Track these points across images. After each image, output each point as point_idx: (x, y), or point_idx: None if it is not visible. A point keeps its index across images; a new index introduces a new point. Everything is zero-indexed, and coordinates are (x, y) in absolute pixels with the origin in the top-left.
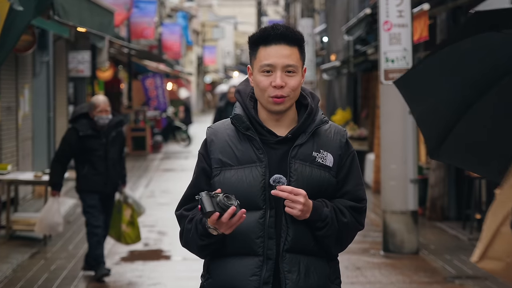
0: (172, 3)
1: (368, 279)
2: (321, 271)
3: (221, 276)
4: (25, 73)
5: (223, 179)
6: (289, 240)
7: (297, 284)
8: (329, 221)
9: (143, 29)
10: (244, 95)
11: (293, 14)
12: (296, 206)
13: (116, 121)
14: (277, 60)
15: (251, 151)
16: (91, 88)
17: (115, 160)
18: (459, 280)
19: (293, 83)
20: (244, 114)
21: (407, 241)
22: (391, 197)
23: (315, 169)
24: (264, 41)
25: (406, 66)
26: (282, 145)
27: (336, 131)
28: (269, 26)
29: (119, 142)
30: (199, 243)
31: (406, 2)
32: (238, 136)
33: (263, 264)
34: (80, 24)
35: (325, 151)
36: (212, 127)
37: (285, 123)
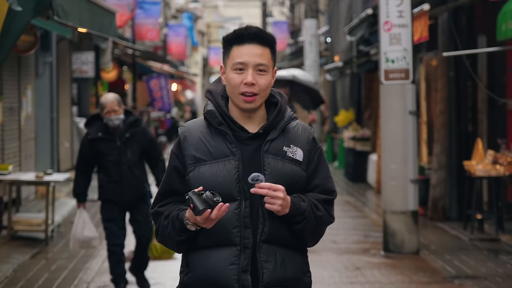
0: (177, 4)
1: (367, 279)
2: (295, 263)
3: (200, 269)
4: (28, 74)
5: (198, 174)
6: (266, 231)
7: (274, 273)
8: (307, 215)
9: (147, 30)
10: (216, 94)
11: (298, 15)
12: (276, 201)
13: (131, 120)
14: (250, 58)
15: (224, 146)
16: (94, 88)
17: (133, 164)
18: (459, 280)
19: (263, 82)
20: (216, 111)
21: (408, 241)
22: (391, 197)
23: (286, 163)
24: (238, 40)
25: (406, 66)
26: (254, 141)
27: (304, 129)
28: (243, 27)
29: (137, 144)
30: (177, 238)
31: (406, 3)
32: (210, 132)
33: (241, 253)
34: (80, 25)
35: (295, 146)
36: (184, 125)
37: (256, 120)
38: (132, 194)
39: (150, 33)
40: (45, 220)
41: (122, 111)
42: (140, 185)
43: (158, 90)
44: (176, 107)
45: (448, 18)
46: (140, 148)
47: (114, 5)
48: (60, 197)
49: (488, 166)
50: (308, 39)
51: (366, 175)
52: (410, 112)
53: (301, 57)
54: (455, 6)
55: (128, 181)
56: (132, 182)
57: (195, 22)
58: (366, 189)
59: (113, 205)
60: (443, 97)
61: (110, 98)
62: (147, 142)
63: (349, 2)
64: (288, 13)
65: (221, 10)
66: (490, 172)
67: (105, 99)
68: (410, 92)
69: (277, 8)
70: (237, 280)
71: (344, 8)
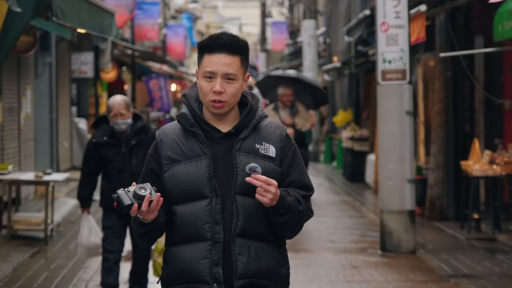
0: (177, 5)
1: (364, 278)
2: (270, 255)
3: (176, 263)
4: (27, 74)
5: (172, 173)
6: (239, 225)
7: (248, 265)
8: (292, 209)
9: (146, 30)
10: (190, 97)
11: (297, 16)
12: (267, 195)
13: (138, 126)
14: (218, 68)
15: (196, 146)
16: (94, 89)
17: (137, 174)
18: (455, 279)
19: (231, 90)
20: (189, 113)
21: (404, 240)
22: (388, 197)
23: (259, 159)
24: (209, 49)
25: (403, 67)
26: (226, 140)
27: (276, 126)
28: (216, 34)
29: (144, 152)
30: (139, 231)
31: (403, 4)
32: (184, 134)
33: (212, 248)
34: (80, 26)
35: (267, 143)
36: (161, 129)
37: (228, 121)
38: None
39: (149, 33)
40: (45, 219)
41: (130, 115)
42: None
43: (157, 91)
44: (175, 107)
45: (445, 19)
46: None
47: (113, 6)
48: (59, 196)
49: (485, 166)
50: (307, 39)
51: (364, 175)
52: (407, 113)
53: (299, 58)
54: (452, 7)
55: None
56: None
57: (195, 22)
58: (364, 189)
59: (113, 214)
60: (441, 97)
61: (118, 101)
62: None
63: (348, 3)
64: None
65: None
66: (487, 172)
67: (112, 101)
68: (407, 93)
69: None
70: (209, 273)
71: (342, 9)
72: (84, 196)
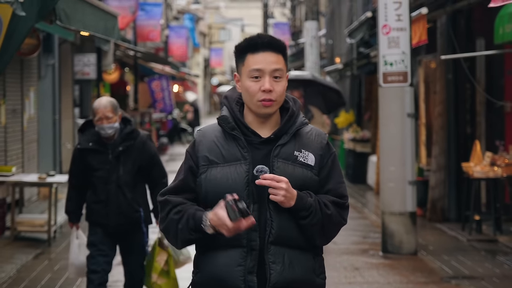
0: (179, 5)
1: (365, 279)
2: (305, 264)
3: (209, 269)
4: (31, 76)
5: (210, 176)
6: (273, 233)
7: (282, 274)
8: (313, 210)
9: (149, 31)
10: (231, 100)
11: (299, 17)
12: (279, 192)
13: (127, 131)
14: (266, 65)
15: (236, 150)
16: (96, 90)
17: (124, 184)
18: (456, 280)
19: (280, 88)
20: (230, 116)
21: (406, 242)
22: (389, 199)
23: (297, 167)
24: (252, 48)
25: (404, 69)
26: (266, 145)
27: (317, 134)
28: (255, 35)
29: (133, 160)
30: (188, 237)
31: (405, 6)
32: (224, 136)
33: (247, 255)
34: (84, 29)
35: (307, 151)
36: (201, 130)
37: (269, 126)
38: (119, 219)
39: (151, 34)
40: (48, 221)
41: (117, 119)
42: (130, 210)
43: (160, 92)
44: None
45: (447, 21)
46: (136, 165)
47: (116, 7)
48: (62, 198)
49: (486, 168)
50: (309, 41)
51: (366, 177)
52: (408, 115)
53: (301, 59)
54: (453, 10)
55: (116, 203)
56: (120, 205)
57: (197, 23)
58: (366, 191)
59: (98, 229)
60: (442, 99)
61: (103, 103)
62: (147, 158)
63: (350, 4)
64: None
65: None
66: (488, 174)
67: (97, 104)
68: (408, 95)
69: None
70: (243, 280)
71: (344, 10)
72: (72, 211)
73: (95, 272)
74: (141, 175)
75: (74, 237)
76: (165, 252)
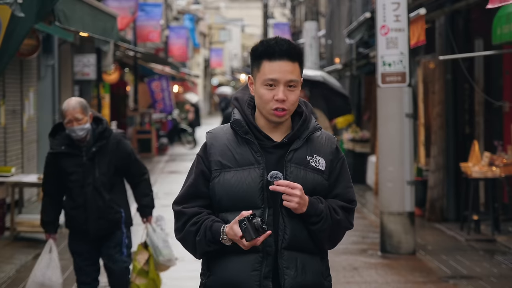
0: (179, 6)
1: (364, 279)
2: (315, 268)
3: (223, 273)
4: (30, 77)
5: (223, 180)
6: (287, 238)
7: (295, 279)
8: (324, 216)
9: (149, 32)
10: (242, 102)
11: (299, 17)
12: (293, 199)
13: (99, 131)
14: (281, 75)
15: (249, 154)
16: (96, 91)
17: (102, 185)
18: (454, 280)
19: (293, 98)
20: (242, 119)
21: (404, 241)
22: (388, 199)
23: (309, 172)
24: (268, 55)
25: (403, 70)
26: (278, 150)
27: (327, 138)
28: (273, 40)
29: (109, 159)
30: (206, 248)
31: (403, 7)
32: (237, 140)
33: (263, 260)
34: (83, 30)
35: (318, 155)
36: (211, 132)
37: (281, 130)
38: (99, 222)
39: (151, 34)
40: None
41: (88, 119)
42: (110, 211)
43: (160, 92)
44: (177, 108)
45: (445, 22)
46: (112, 165)
47: (115, 8)
48: None
49: (485, 168)
50: (308, 41)
51: (365, 177)
52: (406, 115)
53: None
54: (452, 10)
55: (94, 206)
56: (99, 207)
57: (197, 23)
58: (365, 191)
59: (80, 235)
60: (441, 99)
61: (72, 104)
62: (123, 157)
63: (349, 5)
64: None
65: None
66: (487, 174)
67: (66, 105)
68: (407, 95)
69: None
70: (259, 285)
71: (344, 11)
72: (48, 221)
73: (86, 283)
74: (119, 175)
75: (47, 250)
76: (146, 251)
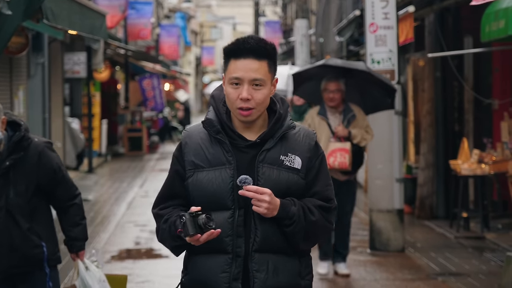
0: (170, 4)
1: (353, 276)
2: (290, 269)
3: (196, 272)
4: (20, 75)
5: (196, 180)
6: (258, 240)
7: (265, 282)
8: (296, 219)
9: (139, 30)
10: (218, 100)
11: (290, 15)
12: (262, 204)
13: (15, 140)
14: (245, 74)
15: (221, 154)
16: (87, 89)
17: (17, 210)
18: (442, 277)
19: (259, 96)
20: (216, 118)
21: (393, 239)
22: (377, 196)
23: (283, 171)
24: (235, 54)
25: (391, 67)
26: (252, 149)
27: (305, 135)
28: (242, 38)
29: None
30: (172, 244)
31: (392, 5)
32: (210, 139)
33: (233, 262)
34: (71, 27)
35: (293, 154)
36: (187, 131)
37: (256, 129)
38: (12, 259)
39: (142, 32)
40: None
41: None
42: (27, 244)
43: (151, 90)
44: (168, 106)
45: (434, 20)
46: (31, 185)
47: (106, 6)
48: None
49: (474, 165)
50: (299, 39)
51: None
52: (396, 112)
53: (292, 57)
54: (441, 8)
55: (6, 236)
56: (13, 239)
57: (188, 21)
58: None
59: None
60: (430, 97)
61: None
62: (46, 175)
63: (339, 2)
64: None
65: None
66: (476, 171)
67: None
68: (396, 93)
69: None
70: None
71: (334, 8)
72: None
73: None
74: (41, 197)
75: None
76: None
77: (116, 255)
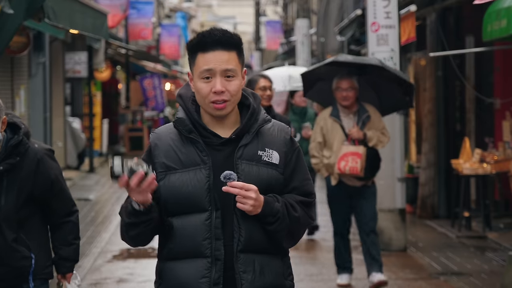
0: (171, 4)
1: (355, 276)
2: (275, 269)
3: (172, 281)
4: (21, 74)
5: (168, 182)
6: (242, 240)
7: (253, 283)
8: (280, 216)
9: (140, 29)
10: (186, 99)
11: (291, 15)
12: (248, 201)
13: (11, 144)
14: (216, 65)
15: (194, 154)
16: (88, 88)
17: (5, 219)
18: (444, 277)
19: (232, 88)
20: (186, 117)
21: (395, 238)
22: (379, 196)
23: (262, 167)
24: (202, 47)
25: (393, 67)
26: (227, 147)
27: (280, 129)
28: (206, 31)
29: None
30: (126, 221)
31: (393, 4)
32: (181, 140)
33: (212, 266)
34: (72, 27)
35: (271, 149)
36: (156, 132)
37: (228, 125)
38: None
39: (143, 32)
40: None
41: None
42: (13, 255)
43: (152, 90)
44: (169, 106)
45: (436, 19)
46: (24, 193)
47: (107, 6)
48: None
49: (476, 165)
50: (300, 38)
51: None
52: (397, 112)
53: (293, 57)
54: (442, 7)
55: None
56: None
57: (189, 21)
58: None
59: None
60: (432, 96)
61: None
62: (42, 185)
63: (340, 2)
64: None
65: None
66: (477, 171)
67: None
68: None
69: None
70: None
71: (335, 8)
72: None
73: None
74: (33, 208)
75: None
76: None
77: (117, 254)
